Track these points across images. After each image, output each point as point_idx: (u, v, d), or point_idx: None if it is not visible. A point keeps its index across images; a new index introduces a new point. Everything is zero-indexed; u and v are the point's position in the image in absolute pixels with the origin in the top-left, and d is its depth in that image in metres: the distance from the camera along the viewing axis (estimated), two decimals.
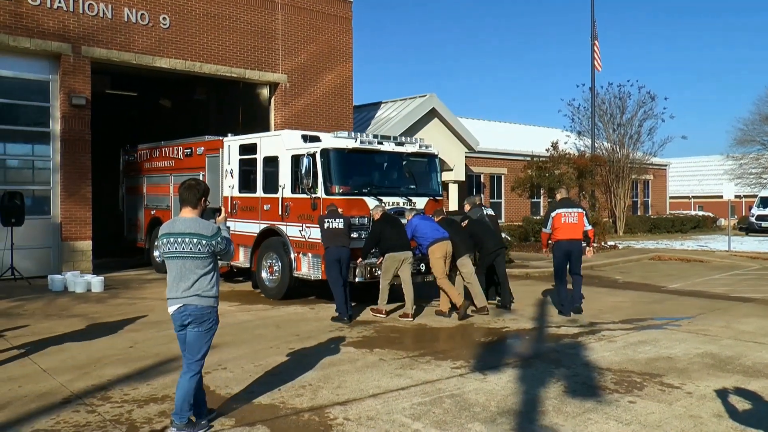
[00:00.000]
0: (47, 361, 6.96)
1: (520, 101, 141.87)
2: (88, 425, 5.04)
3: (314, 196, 10.51)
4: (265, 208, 11.68)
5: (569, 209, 9.86)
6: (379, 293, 9.78)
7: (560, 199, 10.28)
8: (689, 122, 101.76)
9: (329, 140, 10.74)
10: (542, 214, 26.38)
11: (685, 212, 37.81)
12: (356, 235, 10.09)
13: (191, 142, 14.34)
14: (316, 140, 10.82)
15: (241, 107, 19.43)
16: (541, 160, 23.10)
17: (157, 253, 14.33)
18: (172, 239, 4.81)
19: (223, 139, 13.05)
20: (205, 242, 4.79)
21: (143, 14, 15.04)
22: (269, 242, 11.52)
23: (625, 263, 18.00)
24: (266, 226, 11.58)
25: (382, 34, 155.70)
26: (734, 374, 6.58)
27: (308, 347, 7.72)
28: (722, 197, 23.67)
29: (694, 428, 5.06)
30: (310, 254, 10.74)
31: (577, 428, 5.04)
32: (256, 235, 11.73)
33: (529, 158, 23.97)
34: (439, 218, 10.19)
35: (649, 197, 37.47)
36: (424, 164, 11.80)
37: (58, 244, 14.11)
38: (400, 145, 11.38)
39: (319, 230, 9.82)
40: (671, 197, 42.45)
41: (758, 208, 32.67)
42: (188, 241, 4.78)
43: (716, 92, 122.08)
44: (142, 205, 16.14)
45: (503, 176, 28.67)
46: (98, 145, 15.21)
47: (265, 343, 7.94)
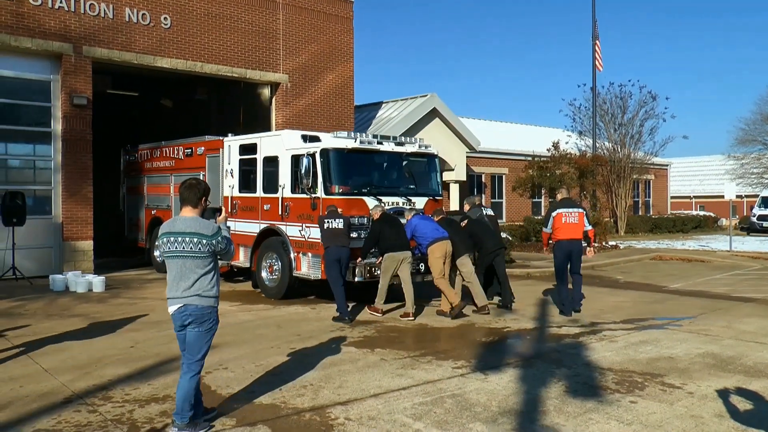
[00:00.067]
0: (48, 360, 6.97)
1: (520, 101, 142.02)
2: (89, 425, 5.05)
3: (314, 196, 10.52)
4: (265, 207, 11.68)
5: (570, 209, 9.89)
6: (377, 292, 9.80)
7: (561, 199, 10.32)
8: (690, 122, 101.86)
9: (329, 140, 10.74)
10: (543, 214, 26.37)
11: (686, 212, 37.77)
12: (356, 234, 10.09)
13: (192, 142, 14.35)
14: (315, 140, 10.82)
15: (242, 107, 19.43)
16: (542, 160, 23.09)
17: (157, 252, 14.34)
18: (172, 238, 4.81)
19: (223, 139, 13.06)
20: (205, 242, 4.79)
21: (144, 14, 15.05)
22: (269, 242, 11.53)
23: (626, 263, 17.99)
24: (266, 225, 11.58)
25: (383, 34, 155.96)
26: (735, 374, 6.58)
27: (309, 347, 7.72)
28: (723, 197, 23.68)
29: (695, 428, 5.05)
30: (309, 254, 10.74)
31: (578, 428, 5.04)
32: (256, 234, 11.73)
33: (530, 158, 23.95)
34: (438, 218, 10.19)
35: (650, 197, 37.44)
36: (423, 164, 11.80)
37: (59, 243, 14.13)
38: (399, 145, 11.38)
39: (318, 230, 9.83)
40: (672, 197, 42.42)
41: (759, 207, 32.60)
42: (188, 240, 4.77)
43: (717, 92, 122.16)
44: (142, 204, 16.16)
45: (504, 176, 28.66)
46: (99, 145, 15.22)
47: (266, 342, 7.95)
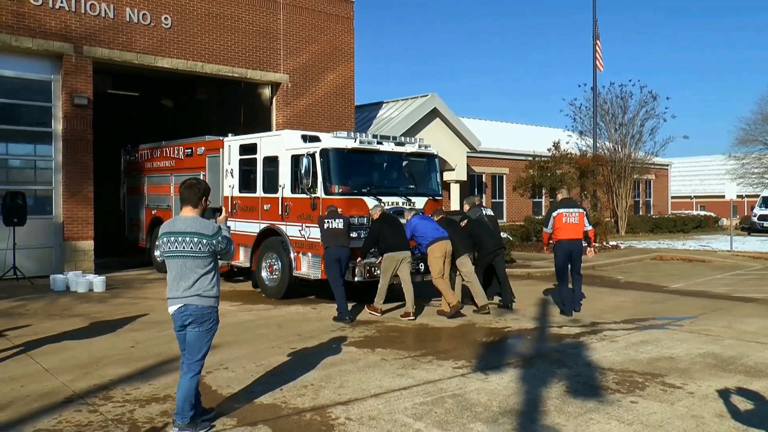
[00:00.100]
0: (49, 360, 6.97)
1: (520, 101, 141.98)
2: (90, 425, 5.05)
3: (314, 195, 10.52)
4: (265, 207, 11.69)
5: (570, 209, 9.92)
6: (377, 291, 9.80)
7: (561, 199, 10.36)
8: (690, 122, 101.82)
9: (329, 140, 10.74)
10: (544, 213, 26.37)
11: (687, 212, 37.74)
12: (355, 234, 10.10)
13: (192, 142, 14.35)
14: (315, 140, 10.82)
15: (242, 107, 19.44)
16: (542, 159, 23.08)
17: (157, 252, 14.34)
18: (172, 238, 4.80)
19: (223, 139, 13.06)
20: (205, 241, 4.79)
21: (145, 14, 15.06)
22: (269, 242, 11.54)
23: (626, 263, 17.98)
24: (266, 225, 11.59)
25: (383, 34, 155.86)
26: (736, 374, 6.57)
27: (310, 347, 7.72)
28: (724, 197, 23.66)
29: (696, 428, 5.05)
30: (309, 254, 10.75)
31: (578, 428, 5.04)
32: (256, 234, 11.74)
33: (530, 158, 23.94)
34: (438, 218, 10.21)
35: (650, 197, 37.42)
36: (423, 164, 11.80)
37: (60, 243, 14.14)
38: (399, 145, 11.38)
39: (318, 230, 9.85)
40: (673, 197, 42.40)
41: (760, 207, 32.57)
42: (189, 240, 4.76)
43: (717, 92, 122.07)
44: (143, 204, 16.16)
45: (505, 176, 28.65)
46: (99, 145, 15.22)
47: (266, 342, 7.95)
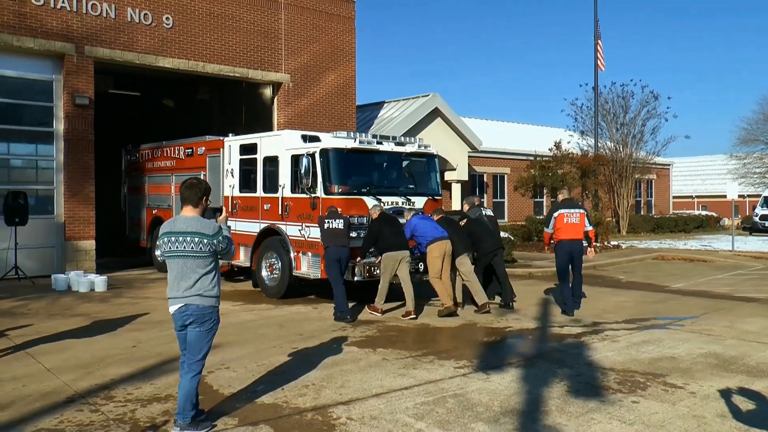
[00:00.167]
0: (51, 360, 6.98)
1: (521, 101, 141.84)
2: (91, 424, 5.05)
3: (314, 195, 10.53)
4: (265, 207, 11.70)
5: (571, 210, 9.97)
6: (377, 291, 9.82)
7: (562, 199, 10.40)
8: (690, 122, 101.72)
9: (328, 140, 10.76)
10: (545, 213, 26.36)
11: (688, 212, 37.68)
12: (355, 234, 10.12)
13: (192, 142, 14.36)
14: (315, 140, 10.83)
15: (244, 107, 19.45)
16: (544, 159, 23.07)
17: (158, 252, 14.35)
18: (173, 238, 4.80)
19: (223, 139, 13.08)
20: (206, 241, 4.78)
21: (146, 14, 15.07)
22: (269, 241, 11.55)
23: (628, 263, 17.96)
24: (266, 225, 11.60)
25: (383, 34, 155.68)
26: (738, 374, 6.57)
27: (311, 347, 7.73)
28: (726, 197, 23.62)
29: (697, 428, 5.05)
30: (309, 253, 10.77)
31: (580, 428, 5.04)
32: (256, 234, 11.75)
33: (532, 158, 23.93)
34: (438, 217, 10.23)
35: (652, 197, 37.39)
36: (423, 164, 11.82)
37: (61, 243, 14.15)
38: (399, 144, 11.39)
39: (318, 230, 9.88)
40: (674, 197, 42.35)
41: (762, 207, 32.49)
42: (189, 240, 4.76)
43: (717, 92, 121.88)
44: (143, 204, 16.18)
45: (506, 176, 28.64)
46: (100, 144, 15.23)
47: (268, 342, 7.95)
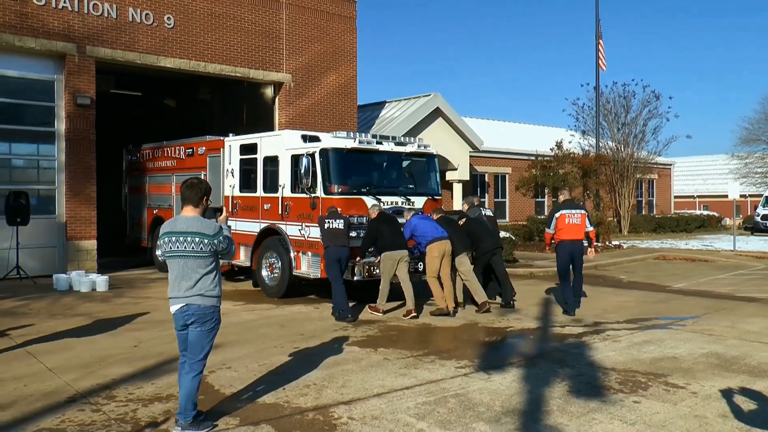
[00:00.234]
0: (52, 359, 6.98)
1: (521, 101, 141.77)
2: (93, 424, 5.06)
3: (313, 195, 10.55)
4: (265, 207, 11.71)
5: (572, 210, 10.01)
6: (379, 292, 9.83)
7: (563, 200, 10.43)
8: (691, 122, 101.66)
9: (328, 140, 10.77)
10: (546, 213, 26.35)
11: (689, 212, 37.65)
12: (355, 234, 10.14)
13: (193, 142, 14.38)
14: (315, 140, 10.85)
15: (245, 107, 19.45)
16: (545, 159, 23.05)
17: (159, 252, 14.36)
18: (173, 238, 4.80)
19: (224, 139, 13.09)
20: (207, 241, 4.78)
21: (148, 14, 15.08)
22: (269, 241, 11.56)
23: (629, 263, 17.95)
24: (266, 225, 11.61)
25: (383, 34, 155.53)
26: (739, 374, 6.56)
27: (312, 346, 7.73)
28: (727, 197, 23.60)
29: (699, 428, 5.04)
30: (309, 253, 10.78)
31: (581, 428, 5.03)
32: (256, 234, 11.77)
33: (533, 158, 23.92)
34: (437, 216, 10.25)
35: (653, 197, 37.37)
36: (422, 164, 11.83)
37: (63, 243, 14.16)
38: (398, 144, 11.40)
39: (318, 229, 9.90)
40: (676, 197, 42.32)
41: (763, 207, 32.42)
42: (190, 240, 4.76)
43: (717, 92, 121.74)
44: (144, 204, 16.20)
45: (507, 176, 28.63)
46: (101, 144, 15.24)
47: (269, 342, 7.95)
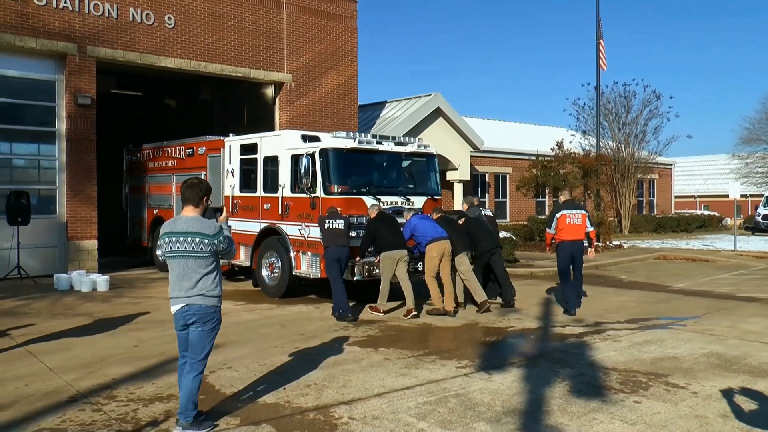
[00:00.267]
0: (53, 359, 6.99)
1: (521, 101, 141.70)
2: (93, 424, 5.06)
3: (313, 195, 10.56)
4: (265, 207, 11.72)
5: (573, 211, 10.03)
6: (379, 292, 9.83)
7: (564, 200, 10.44)
8: (691, 122, 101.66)
9: (328, 140, 10.78)
10: (547, 213, 26.34)
11: (690, 211, 37.62)
12: (354, 234, 10.15)
13: (193, 141, 14.39)
14: (315, 140, 10.86)
15: (246, 107, 19.45)
16: (546, 159, 23.05)
17: (159, 252, 14.36)
18: (174, 238, 4.79)
19: (224, 139, 13.10)
20: (207, 241, 4.78)
21: (148, 14, 15.08)
22: (269, 241, 11.57)
23: (630, 263, 17.94)
24: (266, 225, 11.62)
25: (382, 34, 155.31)
26: (740, 374, 6.56)
27: (313, 346, 7.73)
28: (728, 196, 23.57)
29: (699, 428, 5.04)
30: (309, 253, 10.79)
31: (582, 428, 5.03)
32: (256, 234, 11.78)
33: (534, 158, 23.91)
34: (437, 216, 10.25)
35: (654, 196, 37.36)
36: (422, 164, 11.84)
37: (63, 243, 14.17)
38: (398, 144, 11.42)
39: (317, 229, 9.92)
40: (676, 196, 42.31)
41: (764, 207, 32.39)
42: (190, 240, 4.76)
43: (718, 92, 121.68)
44: (145, 204, 16.21)
45: (508, 175, 28.62)
46: (102, 144, 15.25)
47: (270, 342, 7.96)
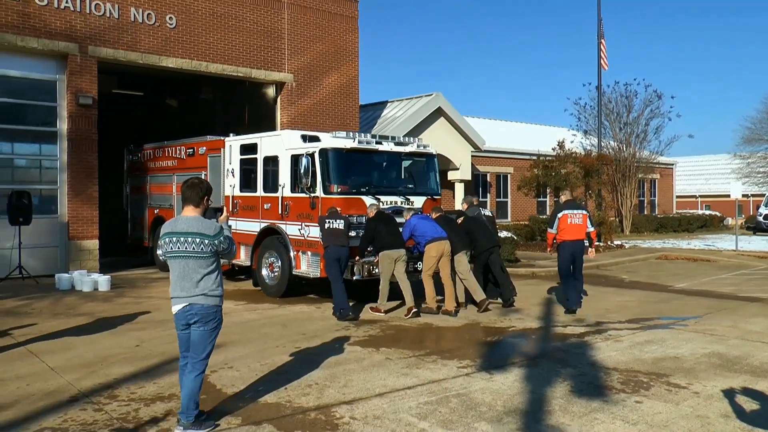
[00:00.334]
0: (54, 359, 6.99)
1: (521, 101, 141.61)
2: (95, 423, 5.06)
3: (313, 195, 10.57)
4: (265, 207, 11.73)
5: (574, 211, 10.05)
6: (379, 292, 9.83)
7: (565, 200, 10.43)
8: (692, 121, 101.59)
9: (328, 140, 10.79)
10: (548, 213, 26.32)
11: (691, 211, 37.59)
12: (354, 234, 10.16)
13: (193, 141, 14.40)
14: (315, 140, 10.87)
15: (247, 106, 19.47)
16: (547, 159, 23.04)
17: (160, 252, 14.37)
18: (174, 238, 4.79)
19: (224, 139, 13.12)
20: (207, 241, 4.78)
21: (150, 14, 15.09)
22: (269, 241, 11.59)
23: (631, 262, 17.93)
24: (266, 224, 11.64)
25: (383, 34, 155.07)
26: (741, 374, 6.55)
27: (314, 346, 7.73)
28: (729, 196, 23.54)
29: (701, 428, 5.04)
30: (309, 252, 10.80)
31: (583, 428, 5.03)
32: (256, 233, 11.79)
33: (535, 157, 23.91)
34: (436, 215, 10.26)
35: (655, 196, 37.32)
36: (422, 164, 11.85)
37: (65, 243, 14.18)
38: (398, 144, 11.43)
39: (317, 229, 9.93)
40: (678, 196, 42.27)
41: (766, 207, 32.35)
42: (191, 240, 4.76)
43: (718, 92, 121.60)
44: (146, 204, 16.22)
45: (509, 175, 28.61)
46: (103, 144, 15.27)
47: (271, 341, 7.96)
